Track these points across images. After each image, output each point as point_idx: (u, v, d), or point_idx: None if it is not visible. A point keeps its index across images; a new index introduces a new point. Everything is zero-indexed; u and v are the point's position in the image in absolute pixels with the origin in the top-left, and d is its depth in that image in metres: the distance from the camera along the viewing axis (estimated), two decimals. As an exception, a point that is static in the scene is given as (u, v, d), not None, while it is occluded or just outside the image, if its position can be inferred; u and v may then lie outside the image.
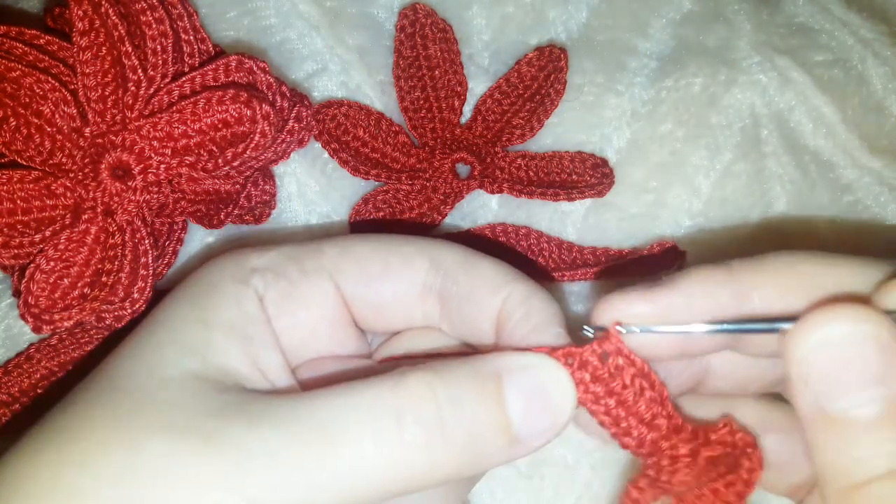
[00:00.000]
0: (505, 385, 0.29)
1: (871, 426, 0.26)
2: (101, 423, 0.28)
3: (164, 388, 0.28)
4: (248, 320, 0.32)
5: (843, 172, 0.47)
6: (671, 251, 0.43)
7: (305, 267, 0.33)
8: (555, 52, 0.47)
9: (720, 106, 0.47)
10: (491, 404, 0.28)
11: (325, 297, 0.34)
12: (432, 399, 0.28)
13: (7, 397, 0.39)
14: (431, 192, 0.44)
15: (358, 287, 0.34)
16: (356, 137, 0.44)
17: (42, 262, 0.35)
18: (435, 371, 0.28)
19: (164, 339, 0.31)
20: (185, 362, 0.29)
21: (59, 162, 0.36)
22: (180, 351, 0.30)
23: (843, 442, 0.26)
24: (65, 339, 0.40)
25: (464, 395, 0.28)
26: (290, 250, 0.34)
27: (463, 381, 0.28)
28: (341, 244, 0.34)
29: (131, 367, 0.30)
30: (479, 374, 0.29)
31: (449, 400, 0.28)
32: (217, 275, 0.33)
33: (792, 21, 0.50)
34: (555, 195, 0.44)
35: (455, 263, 0.33)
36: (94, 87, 0.36)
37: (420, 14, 0.46)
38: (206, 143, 0.36)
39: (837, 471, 0.26)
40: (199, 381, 0.29)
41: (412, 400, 0.28)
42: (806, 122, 0.48)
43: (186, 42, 0.39)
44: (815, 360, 0.27)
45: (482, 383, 0.29)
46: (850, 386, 0.26)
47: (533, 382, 0.29)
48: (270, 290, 0.33)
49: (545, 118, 0.46)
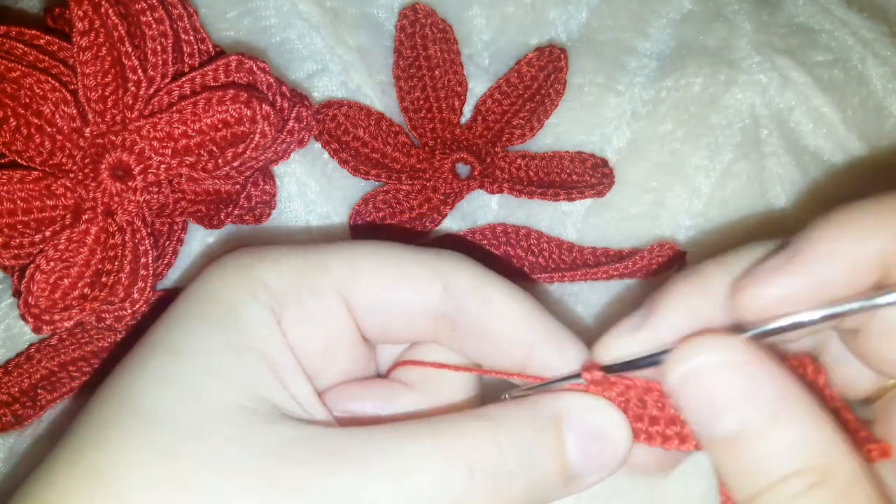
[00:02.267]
0: (565, 430, 0.29)
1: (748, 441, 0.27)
2: (150, 467, 0.25)
3: (212, 423, 0.27)
4: (274, 346, 0.30)
5: (843, 172, 0.47)
6: (671, 251, 0.43)
7: (316, 288, 0.32)
8: (555, 52, 0.47)
9: (720, 106, 0.47)
10: (552, 451, 0.29)
11: (336, 318, 0.32)
12: (498, 451, 0.28)
13: (7, 397, 0.39)
14: (431, 192, 0.44)
15: (367, 310, 0.33)
16: (356, 137, 0.44)
17: (42, 262, 0.35)
18: (495, 419, 0.29)
19: (195, 366, 0.28)
20: (225, 393, 0.27)
21: (59, 162, 0.36)
22: (216, 380, 0.28)
23: (732, 459, 0.27)
24: (65, 339, 0.40)
25: (526, 442, 0.29)
26: (297, 263, 0.32)
27: (525, 430, 0.29)
28: (348, 261, 0.32)
29: (168, 401, 0.27)
30: (538, 420, 0.29)
31: (514, 450, 0.28)
32: (228, 292, 0.31)
33: (792, 21, 0.50)
34: (555, 195, 0.44)
35: (469, 292, 0.32)
36: (94, 88, 0.36)
37: (420, 14, 0.46)
38: (206, 143, 0.36)
39: (734, 487, 0.28)
40: (245, 414, 0.27)
41: (479, 451, 0.28)
42: (806, 122, 0.48)
43: (186, 42, 0.39)
44: (683, 393, 0.28)
45: (543, 429, 0.29)
46: (718, 411, 0.27)
47: (592, 426, 0.30)
48: (285, 314, 0.31)
49: (545, 118, 0.46)
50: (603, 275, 0.42)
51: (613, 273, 0.42)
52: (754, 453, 0.27)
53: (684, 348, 0.28)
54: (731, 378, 0.27)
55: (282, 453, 0.26)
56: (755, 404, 0.27)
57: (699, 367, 0.27)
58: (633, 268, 0.42)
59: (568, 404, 0.30)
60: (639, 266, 0.42)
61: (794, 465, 0.26)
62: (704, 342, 0.28)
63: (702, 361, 0.27)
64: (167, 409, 0.27)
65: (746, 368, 0.27)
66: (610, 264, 0.43)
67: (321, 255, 0.32)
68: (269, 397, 0.28)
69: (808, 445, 0.26)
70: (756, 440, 0.27)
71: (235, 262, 0.32)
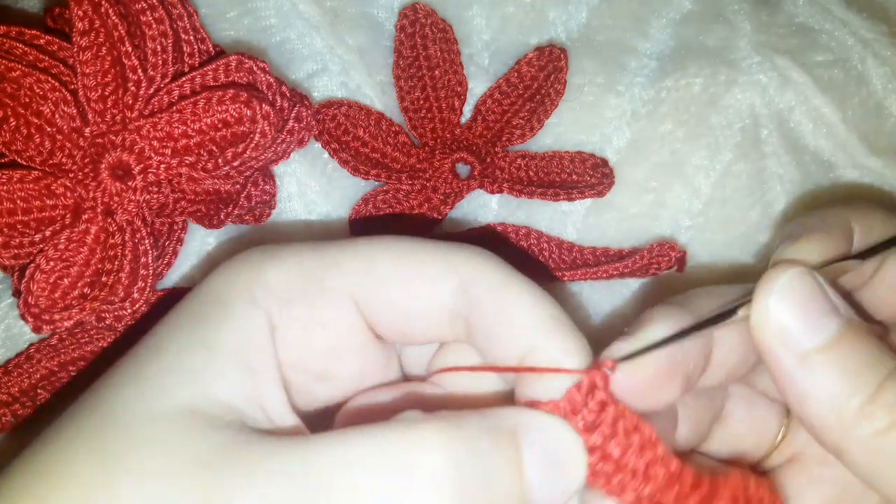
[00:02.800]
0: (524, 446, 0.27)
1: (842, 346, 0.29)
2: (86, 471, 0.25)
3: (154, 423, 0.26)
4: (253, 350, 0.29)
5: (843, 172, 0.47)
6: (671, 251, 0.43)
7: (325, 287, 0.31)
8: (555, 52, 0.47)
9: (720, 106, 0.47)
10: (511, 466, 0.26)
11: (344, 319, 0.31)
12: (452, 461, 0.25)
13: (7, 397, 0.39)
14: (431, 192, 0.44)
15: (380, 309, 0.31)
16: (356, 137, 0.44)
17: (42, 262, 0.35)
18: (454, 424, 0.26)
19: (163, 364, 0.28)
20: (183, 392, 0.27)
21: (59, 162, 0.36)
22: (179, 379, 0.27)
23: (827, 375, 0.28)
24: (65, 339, 0.40)
25: (483, 454, 0.26)
26: (308, 261, 0.31)
27: (482, 438, 0.26)
28: (361, 258, 0.31)
29: (125, 397, 0.27)
30: (498, 429, 0.27)
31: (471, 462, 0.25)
32: (227, 290, 0.30)
33: (792, 21, 0.50)
34: (555, 195, 0.44)
35: (485, 291, 0.30)
36: (94, 87, 0.36)
37: (420, 14, 0.46)
38: (206, 143, 0.36)
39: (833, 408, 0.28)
40: (194, 417, 0.26)
41: (427, 459, 0.25)
42: (806, 122, 0.48)
43: (186, 42, 0.39)
44: (779, 317, 0.29)
45: (502, 441, 0.27)
46: (815, 321, 0.29)
47: (551, 448, 0.28)
48: (286, 315, 0.30)
49: (545, 118, 0.46)
50: (603, 274, 0.42)
51: (613, 273, 0.42)
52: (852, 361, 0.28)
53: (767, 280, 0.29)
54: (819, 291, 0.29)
55: (204, 458, 0.25)
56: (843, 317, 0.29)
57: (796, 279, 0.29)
58: (633, 268, 0.42)
59: (527, 418, 0.28)
60: (639, 266, 0.42)
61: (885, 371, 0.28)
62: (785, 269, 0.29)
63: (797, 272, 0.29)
64: (119, 408, 0.27)
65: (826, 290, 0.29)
66: (610, 264, 0.43)
67: (333, 253, 0.31)
68: (228, 400, 0.27)
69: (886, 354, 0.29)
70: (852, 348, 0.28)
71: (244, 260, 0.31)
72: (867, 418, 0.27)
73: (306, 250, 0.31)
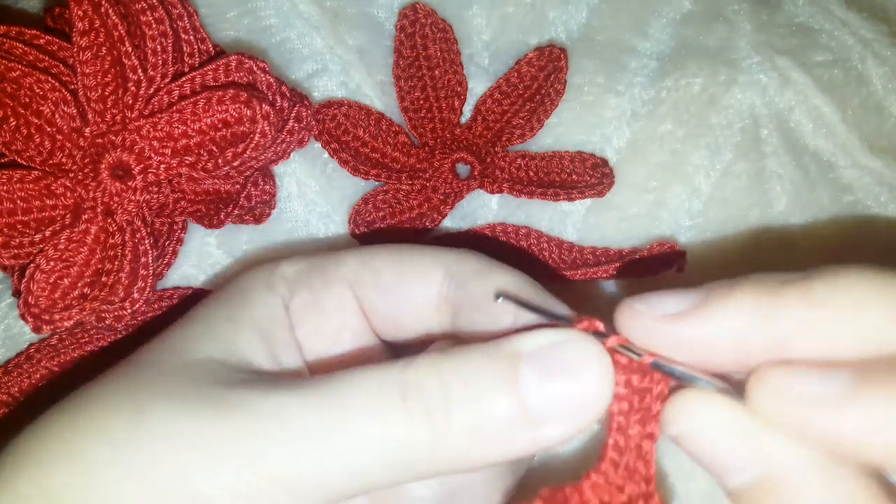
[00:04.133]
0: (523, 363, 0.27)
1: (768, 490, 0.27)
2: (115, 394, 0.29)
3: (184, 366, 0.30)
4: (272, 322, 0.33)
5: (843, 172, 0.47)
6: (671, 251, 0.43)
7: (328, 277, 0.34)
8: (555, 52, 0.47)
9: (720, 106, 0.47)
10: (501, 381, 0.26)
11: (344, 306, 0.34)
12: (437, 377, 0.27)
13: (7, 397, 0.39)
14: (431, 192, 0.44)
15: (374, 297, 0.34)
16: (356, 137, 0.44)
17: (42, 262, 0.35)
18: (444, 352, 0.28)
19: (192, 331, 0.32)
20: (210, 348, 0.31)
21: (59, 162, 0.36)
22: (206, 340, 0.31)
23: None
24: (65, 339, 0.40)
25: (473, 373, 0.27)
26: (317, 259, 0.35)
27: (474, 361, 0.27)
28: (362, 255, 0.35)
29: (157, 353, 0.31)
30: (492, 355, 0.27)
31: (455, 378, 0.27)
32: (249, 281, 0.34)
33: (792, 21, 0.50)
34: (555, 195, 0.44)
35: (470, 273, 0.33)
36: (94, 87, 0.36)
37: (420, 14, 0.46)
38: (206, 143, 0.36)
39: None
40: (220, 364, 0.30)
41: (417, 378, 0.27)
42: (806, 122, 0.48)
43: (186, 42, 0.39)
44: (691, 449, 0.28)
45: (494, 361, 0.27)
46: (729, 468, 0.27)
47: (556, 358, 0.27)
48: (295, 299, 0.34)
49: (545, 118, 0.46)
50: (603, 275, 0.42)
51: (613, 273, 0.42)
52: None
53: (679, 405, 0.27)
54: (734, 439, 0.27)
55: (229, 385, 0.28)
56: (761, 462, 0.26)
57: (700, 428, 0.27)
58: (634, 268, 0.42)
59: (530, 339, 0.27)
60: (639, 266, 0.42)
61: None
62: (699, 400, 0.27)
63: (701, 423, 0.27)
64: (152, 359, 0.31)
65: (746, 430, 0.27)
66: (610, 264, 0.43)
67: (339, 253, 0.35)
68: (250, 358, 0.31)
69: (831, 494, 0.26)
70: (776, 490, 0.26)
71: (265, 262, 0.36)
72: None
73: (317, 254, 0.36)
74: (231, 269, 0.43)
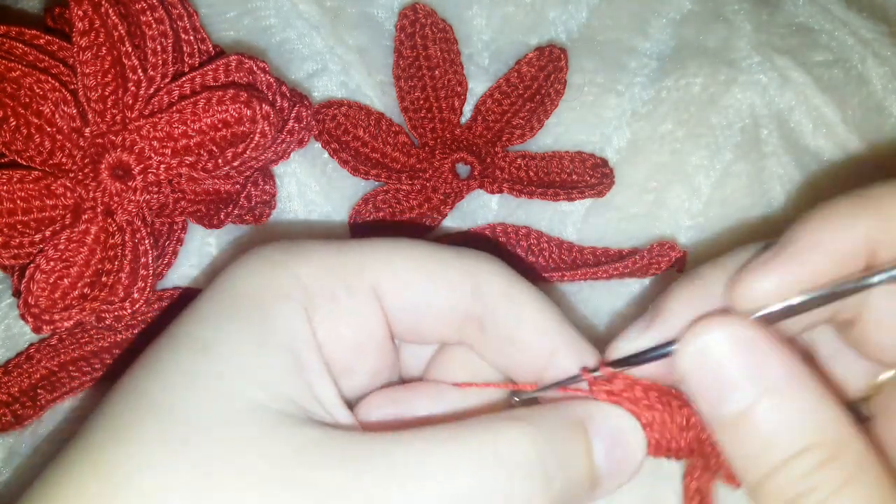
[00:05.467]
0: (592, 433, 0.30)
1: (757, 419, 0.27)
2: (167, 459, 0.24)
3: (235, 423, 0.26)
4: (301, 345, 0.29)
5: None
6: (671, 251, 0.43)
7: (351, 284, 0.31)
8: (555, 52, 0.47)
9: (720, 106, 0.47)
10: (584, 453, 0.29)
11: (370, 316, 0.32)
12: (536, 452, 0.28)
13: (7, 397, 0.39)
14: (431, 192, 0.44)
15: (400, 309, 0.32)
16: (356, 137, 0.44)
17: (42, 262, 0.35)
18: (531, 423, 0.28)
19: (221, 363, 0.27)
20: (250, 391, 0.27)
21: (59, 162, 0.36)
22: (241, 378, 0.27)
23: (741, 440, 0.28)
24: (65, 339, 0.40)
25: (560, 444, 0.29)
26: (332, 260, 0.32)
27: (558, 433, 0.29)
28: (384, 258, 0.32)
29: (190, 397, 0.26)
30: (568, 423, 0.29)
31: (550, 452, 0.28)
32: (260, 288, 0.30)
33: (792, 21, 0.50)
34: (555, 195, 0.44)
35: (499, 295, 0.32)
36: (94, 87, 0.36)
37: (420, 14, 0.46)
38: (206, 143, 0.36)
39: (744, 470, 0.28)
40: (270, 414, 0.26)
41: (517, 453, 0.27)
42: (806, 122, 0.48)
43: (186, 42, 0.39)
44: (694, 374, 0.29)
45: (574, 432, 0.29)
46: (727, 389, 0.28)
47: (616, 430, 0.30)
48: (318, 312, 0.31)
49: (545, 118, 0.46)
50: (603, 275, 0.42)
51: (613, 273, 0.42)
52: (763, 431, 0.27)
53: (694, 328, 0.28)
54: (740, 356, 0.28)
55: (307, 457, 0.25)
56: (762, 382, 0.27)
57: (709, 345, 0.28)
58: (633, 268, 0.42)
59: (591, 409, 0.30)
60: (639, 266, 0.42)
61: (804, 443, 0.26)
62: (713, 321, 0.28)
63: (712, 339, 0.28)
64: (192, 407, 0.26)
65: (754, 346, 0.28)
66: (610, 264, 0.42)
67: (356, 253, 0.32)
68: (295, 398, 0.28)
69: (817, 422, 0.27)
70: (764, 418, 0.27)
71: (267, 257, 0.31)
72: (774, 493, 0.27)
73: (327, 249, 0.32)
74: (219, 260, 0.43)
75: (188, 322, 0.29)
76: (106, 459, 0.25)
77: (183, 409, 0.26)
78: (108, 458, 0.25)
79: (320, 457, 0.26)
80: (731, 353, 0.28)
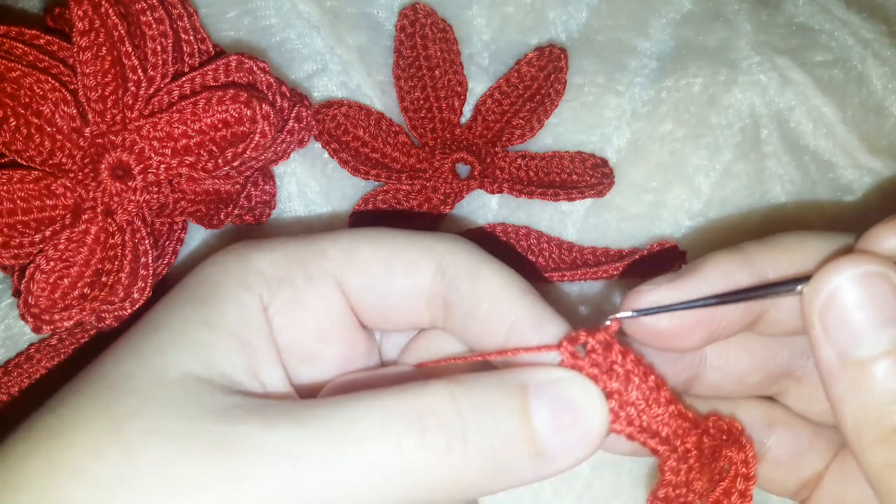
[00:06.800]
0: (531, 397, 0.28)
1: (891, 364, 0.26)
2: (96, 427, 0.26)
3: (164, 389, 0.27)
4: (251, 329, 0.30)
5: (843, 172, 0.47)
6: (671, 251, 0.43)
7: (311, 272, 0.32)
8: (555, 52, 0.47)
9: (720, 106, 0.47)
10: (515, 414, 0.28)
11: (331, 303, 0.33)
12: (454, 406, 0.27)
13: (7, 397, 0.39)
14: (431, 192, 0.44)
15: (361, 291, 0.33)
16: (356, 137, 0.44)
17: (42, 262, 0.35)
18: (458, 380, 0.28)
19: (164, 339, 0.29)
20: (187, 364, 0.28)
21: (59, 162, 0.36)
22: (182, 352, 0.28)
23: (871, 388, 0.26)
24: (65, 339, 0.40)
25: (487, 404, 0.28)
26: (294, 250, 0.33)
27: (487, 392, 0.28)
28: (345, 245, 0.33)
29: (129, 367, 0.28)
30: (503, 385, 0.28)
31: (471, 408, 0.27)
32: (220, 276, 0.31)
33: (792, 21, 0.50)
34: (555, 195, 0.44)
35: (461, 271, 0.32)
36: (94, 87, 0.36)
37: (420, 14, 0.46)
38: (206, 143, 0.36)
39: (869, 419, 0.26)
40: (202, 384, 0.28)
41: (434, 406, 0.27)
42: (806, 122, 0.48)
43: (186, 42, 0.39)
44: (831, 310, 0.27)
45: (506, 394, 0.28)
46: (868, 328, 0.26)
47: (561, 395, 0.28)
48: (276, 299, 0.31)
49: (545, 118, 0.46)
50: (603, 275, 0.42)
51: (613, 273, 0.42)
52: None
53: (830, 266, 0.27)
54: (886, 294, 0.26)
55: (225, 416, 0.26)
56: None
57: (844, 286, 0.27)
58: (633, 267, 0.42)
59: (537, 374, 0.29)
60: (639, 266, 0.42)
61: None
62: (850, 261, 0.27)
63: (848, 277, 0.27)
64: (126, 374, 0.28)
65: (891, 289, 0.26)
66: (610, 264, 0.43)
67: (318, 242, 0.33)
68: (231, 374, 0.29)
69: None
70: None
71: (234, 251, 0.33)
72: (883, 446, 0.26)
73: (291, 241, 0.33)
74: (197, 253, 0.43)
75: (153, 309, 0.31)
76: (44, 426, 0.27)
77: (118, 376, 0.28)
78: (45, 424, 0.27)
79: (238, 417, 0.26)
80: (874, 294, 0.26)
